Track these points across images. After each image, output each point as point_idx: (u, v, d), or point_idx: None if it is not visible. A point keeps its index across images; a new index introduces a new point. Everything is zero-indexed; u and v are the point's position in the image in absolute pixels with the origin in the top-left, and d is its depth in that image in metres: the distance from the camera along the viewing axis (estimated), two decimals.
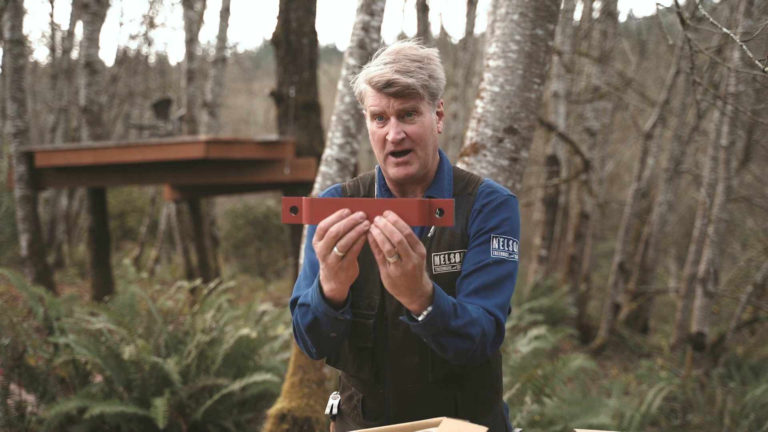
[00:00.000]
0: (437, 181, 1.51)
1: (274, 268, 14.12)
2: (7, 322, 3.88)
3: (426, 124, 1.44)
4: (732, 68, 3.67)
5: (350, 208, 1.20)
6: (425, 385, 1.47)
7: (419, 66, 1.40)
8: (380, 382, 1.49)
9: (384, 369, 1.48)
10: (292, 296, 1.49)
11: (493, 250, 1.42)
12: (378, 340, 1.47)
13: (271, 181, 7.94)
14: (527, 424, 3.52)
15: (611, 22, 10.31)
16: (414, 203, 1.20)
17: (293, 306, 1.47)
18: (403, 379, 1.47)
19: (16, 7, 8.06)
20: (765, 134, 9.30)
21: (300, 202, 1.23)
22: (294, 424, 3.25)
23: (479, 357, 1.36)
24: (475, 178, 1.55)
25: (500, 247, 1.43)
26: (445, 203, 1.21)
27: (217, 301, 4.89)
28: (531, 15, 2.69)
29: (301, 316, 1.40)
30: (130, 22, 27.70)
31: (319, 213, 1.21)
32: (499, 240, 1.44)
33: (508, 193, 1.51)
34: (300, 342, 1.46)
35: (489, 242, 1.43)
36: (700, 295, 5.83)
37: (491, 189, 1.51)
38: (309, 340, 1.41)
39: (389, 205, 1.21)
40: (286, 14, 7.84)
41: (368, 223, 1.20)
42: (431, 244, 1.46)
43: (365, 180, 1.60)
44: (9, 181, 8.83)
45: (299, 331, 1.43)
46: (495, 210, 1.46)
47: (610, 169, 13.38)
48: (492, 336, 1.37)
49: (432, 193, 1.50)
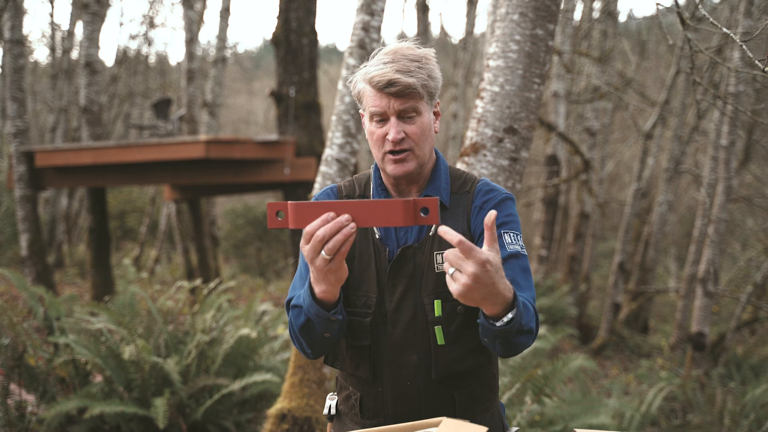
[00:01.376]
0: (434, 180, 1.52)
1: (274, 268, 14.13)
2: (7, 322, 3.88)
3: (425, 124, 1.45)
4: (732, 68, 3.67)
5: (335, 211, 1.21)
6: (423, 384, 1.47)
7: (418, 66, 1.41)
8: (378, 380, 1.49)
9: (382, 367, 1.48)
10: (288, 297, 1.49)
11: (508, 244, 1.44)
12: (375, 338, 1.47)
13: (271, 181, 7.94)
14: (527, 424, 3.52)
15: (611, 22, 10.31)
16: (399, 203, 1.20)
17: (289, 306, 1.48)
18: (401, 377, 1.47)
19: (16, 7, 8.05)
20: (765, 134, 9.30)
21: (285, 207, 1.23)
22: (294, 424, 3.25)
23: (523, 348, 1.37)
24: (472, 177, 1.56)
25: (513, 241, 1.45)
26: (430, 202, 1.21)
27: (217, 301, 4.89)
28: (531, 15, 2.69)
29: (295, 318, 1.41)
30: (130, 22, 27.66)
31: (304, 217, 1.22)
32: (510, 235, 1.45)
33: (506, 192, 1.53)
34: (296, 342, 1.47)
35: (501, 237, 1.45)
36: (700, 295, 5.83)
37: (490, 187, 1.53)
38: (303, 341, 1.42)
39: (374, 206, 1.21)
40: (286, 14, 7.84)
41: (354, 225, 1.20)
42: (433, 243, 1.47)
43: (361, 180, 1.61)
44: (9, 181, 8.83)
45: (294, 332, 1.43)
46: (498, 206, 1.48)
47: (610, 169, 13.38)
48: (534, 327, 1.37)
49: (429, 191, 1.51)
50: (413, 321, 1.45)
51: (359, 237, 1.51)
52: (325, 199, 1.59)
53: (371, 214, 1.21)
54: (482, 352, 1.50)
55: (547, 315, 8.35)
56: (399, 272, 1.46)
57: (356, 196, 1.57)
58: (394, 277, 1.46)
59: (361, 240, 1.51)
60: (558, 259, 13.61)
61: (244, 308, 5.03)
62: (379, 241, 1.49)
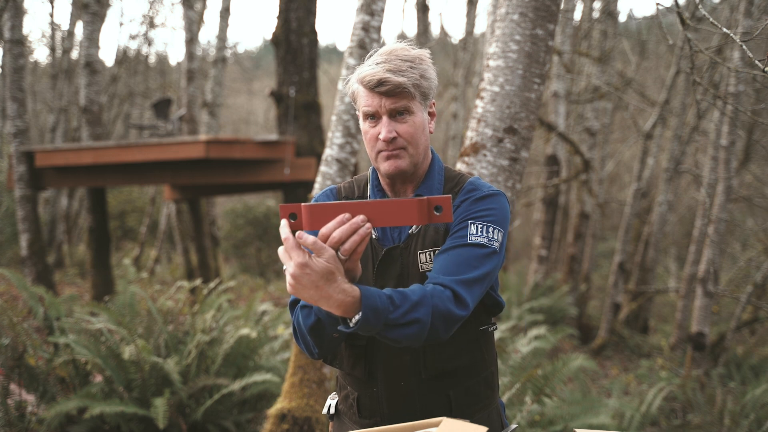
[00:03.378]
0: (427, 180, 1.52)
1: (274, 268, 14.12)
2: (7, 322, 3.88)
3: (417, 124, 1.45)
4: (732, 68, 3.67)
5: (350, 212, 1.21)
6: (417, 383, 1.48)
7: (411, 66, 1.41)
8: (373, 380, 1.50)
9: (376, 367, 1.49)
10: (292, 297, 1.48)
11: (471, 235, 1.39)
12: (371, 338, 1.48)
13: (271, 181, 7.94)
14: (527, 424, 3.52)
15: (611, 22, 10.31)
16: (413, 203, 1.21)
17: (293, 306, 1.48)
18: (394, 376, 1.49)
19: (16, 7, 8.05)
20: (765, 134, 9.30)
21: (299, 209, 1.23)
22: (294, 424, 3.25)
23: (442, 334, 1.31)
24: (464, 177, 1.55)
25: (478, 233, 1.40)
26: (443, 200, 1.22)
27: (217, 301, 4.89)
28: (531, 15, 2.69)
29: (304, 318, 1.40)
30: (130, 22, 27.67)
31: (319, 219, 1.22)
32: (477, 225, 1.40)
33: (492, 189, 1.49)
34: (301, 342, 1.47)
35: (467, 228, 1.40)
36: (700, 295, 5.83)
37: (474, 186, 1.50)
38: (312, 340, 1.42)
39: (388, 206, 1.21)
40: (286, 14, 7.84)
41: (369, 226, 1.20)
42: (417, 242, 1.47)
43: (360, 181, 1.61)
44: (9, 181, 8.83)
45: (301, 332, 1.43)
46: (475, 202, 1.45)
47: (610, 169, 13.37)
48: (449, 311, 1.30)
49: (422, 191, 1.50)
50: None
51: None
52: (325, 200, 1.58)
53: (386, 214, 1.22)
54: (474, 350, 1.51)
55: (547, 315, 8.35)
56: (386, 273, 1.47)
57: (355, 197, 1.57)
58: (381, 277, 1.47)
59: None
60: (558, 259, 13.61)
61: (244, 308, 5.03)
62: (376, 242, 1.50)
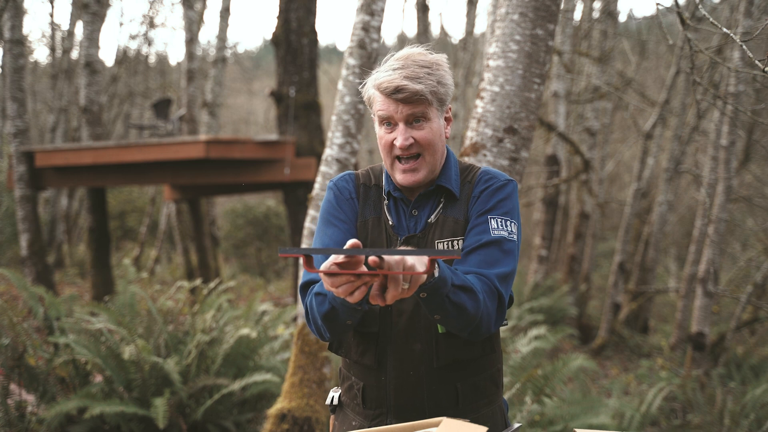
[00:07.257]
0: (445, 172, 1.53)
1: (274, 268, 14.12)
2: (7, 322, 3.88)
3: (434, 130, 1.45)
4: (732, 68, 3.67)
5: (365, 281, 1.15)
6: (427, 373, 1.48)
7: (428, 72, 1.41)
8: (382, 368, 1.50)
9: (387, 355, 1.49)
10: (304, 279, 1.49)
11: (492, 230, 1.44)
12: (383, 325, 1.48)
13: (271, 181, 7.94)
14: (527, 424, 3.52)
15: (611, 22, 10.30)
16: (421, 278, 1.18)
17: (304, 289, 1.48)
18: (405, 365, 1.48)
19: (16, 7, 8.05)
20: (765, 134, 9.30)
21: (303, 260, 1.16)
22: (294, 424, 3.25)
23: (484, 330, 1.36)
24: (476, 167, 1.58)
25: (499, 227, 1.44)
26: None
27: (217, 301, 4.89)
28: (531, 15, 2.69)
29: (318, 305, 1.40)
30: (130, 22, 27.68)
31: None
32: (497, 220, 1.45)
33: (506, 177, 1.54)
34: (312, 327, 1.47)
35: (488, 223, 1.45)
36: (700, 295, 5.83)
37: (489, 175, 1.54)
38: (324, 326, 1.42)
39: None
40: (286, 14, 7.84)
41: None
42: (435, 231, 1.48)
43: (376, 171, 1.62)
44: (9, 181, 8.83)
45: (313, 316, 1.43)
46: (493, 193, 1.49)
47: (610, 169, 13.38)
48: (493, 308, 1.37)
49: (441, 182, 1.52)
50: (416, 310, 1.46)
51: (373, 225, 1.52)
52: (344, 185, 1.58)
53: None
54: (485, 342, 1.51)
55: (547, 315, 8.33)
56: None
57: (372, 186, 1.58)
58: None
59: (374, 227, 1.52)
60: (558, 259, 13.60)
61: (244, 308, 5.03)
62: (392, 229, 1.50)
